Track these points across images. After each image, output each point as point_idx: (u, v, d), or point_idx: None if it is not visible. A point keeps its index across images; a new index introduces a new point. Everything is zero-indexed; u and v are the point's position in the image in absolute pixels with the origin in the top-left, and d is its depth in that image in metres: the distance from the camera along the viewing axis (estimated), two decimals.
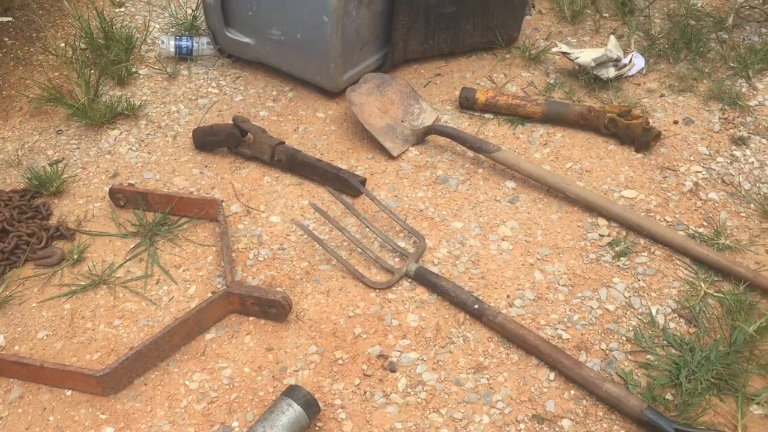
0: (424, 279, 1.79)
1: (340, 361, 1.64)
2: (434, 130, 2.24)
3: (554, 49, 2.53)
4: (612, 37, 2.53)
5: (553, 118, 2.32)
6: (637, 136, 2.20)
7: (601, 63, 2.42)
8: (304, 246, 1.93)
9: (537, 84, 2.51)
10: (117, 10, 2.95)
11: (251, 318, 1.74)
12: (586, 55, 2.45)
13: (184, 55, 2.61)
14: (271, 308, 1.69)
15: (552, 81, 2.52)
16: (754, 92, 2.43)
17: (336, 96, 2.45)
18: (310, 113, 2.41)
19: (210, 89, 2.51)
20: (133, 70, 2.58)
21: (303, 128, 2.34)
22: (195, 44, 2.60)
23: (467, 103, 2.40)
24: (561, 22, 2.83)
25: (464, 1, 2.47)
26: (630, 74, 2.51)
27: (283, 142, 2.18)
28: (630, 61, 2.47)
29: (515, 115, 2.36)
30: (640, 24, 2.76)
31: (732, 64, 2.52)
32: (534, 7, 2.91)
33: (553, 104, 2.33)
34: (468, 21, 2.53)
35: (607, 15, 2.84)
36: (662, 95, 2.45)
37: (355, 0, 2.22)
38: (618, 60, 2.44)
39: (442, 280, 1.77)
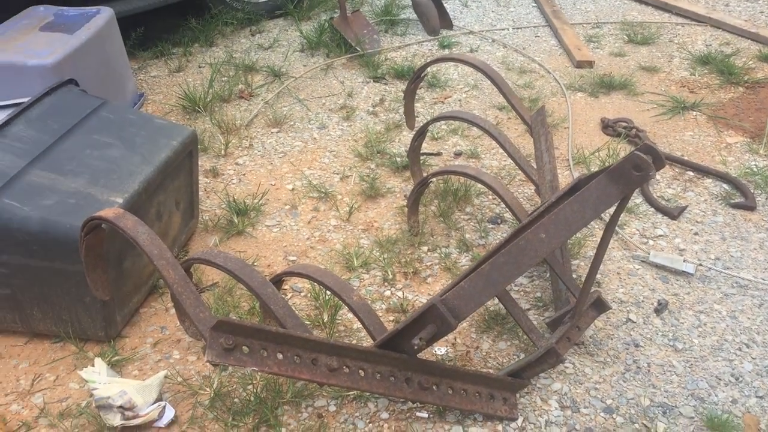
0: None
1: None
2: None
3: (80, 371, 2.13)
4: (160, 374, 2.09)
5: None
6: None
7: (104, 406, 1.98)
8: None
9: (70, 403, 2.11)
10: None
11: None
12: (105, 390, 2.02)
13: None
14: None
15: (83, 404, 2.11)
16: None
17: None
18: None
19: None
20: None
21: None
22: None
23: None
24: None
25: (20, 287, 2.19)
26: (159, 425, 2.02)
27: None
28: (151, 411, 2.00)
29: None
30: None
31: None
32: None
33: None
34: (34, 307, 2.23)
35: None
36: None
37: None
38: (129, 408, 1.98)
39: None
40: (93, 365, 2.13)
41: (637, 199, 3.02)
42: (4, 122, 2.34)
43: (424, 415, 2.06)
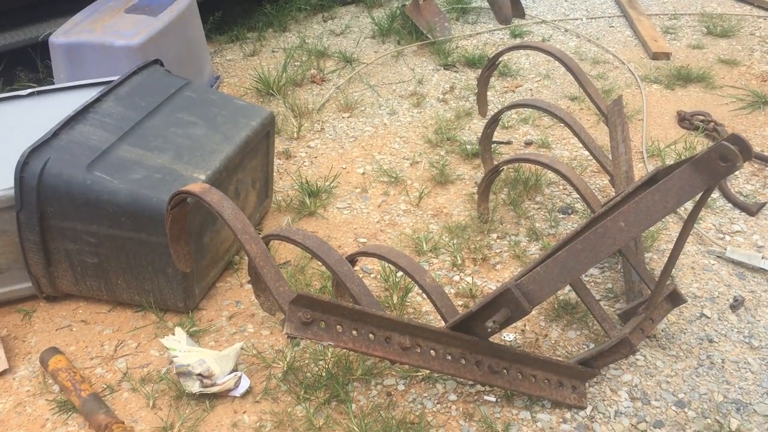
0: None
1: None
2: None
3: (162, 339, 2.22)
4: (237, 346, 2.16)
5: (85, 416, 2.02)
6: None
7: (185, 373, 2.07)
8: None
9: (151, 369, 2.21)
10: None
11: None
12: (185, 358, 2.11)
13: None
14: None
15: (163, 371, 2.20)
16: None
17: None
18: None
19: None
20: None
21: None
22: None
23: (45, 367, 2.19)
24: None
25: (107, 256, 2.29)
26: (234, 394, 2.10)
27: None
28: (227, 380, 2.08)
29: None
30: None
31: None
32: None
33: (93, 401, 2.03)
34: (119, 277, 2.34)
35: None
36: None
37: None
38: (207, 376, 2.06)
39: None
40: (173, 334, 2.22)
41: (713, 194, 2.95)
42: (96, 99, 2.44)
43: (492, 398, 2.08)
